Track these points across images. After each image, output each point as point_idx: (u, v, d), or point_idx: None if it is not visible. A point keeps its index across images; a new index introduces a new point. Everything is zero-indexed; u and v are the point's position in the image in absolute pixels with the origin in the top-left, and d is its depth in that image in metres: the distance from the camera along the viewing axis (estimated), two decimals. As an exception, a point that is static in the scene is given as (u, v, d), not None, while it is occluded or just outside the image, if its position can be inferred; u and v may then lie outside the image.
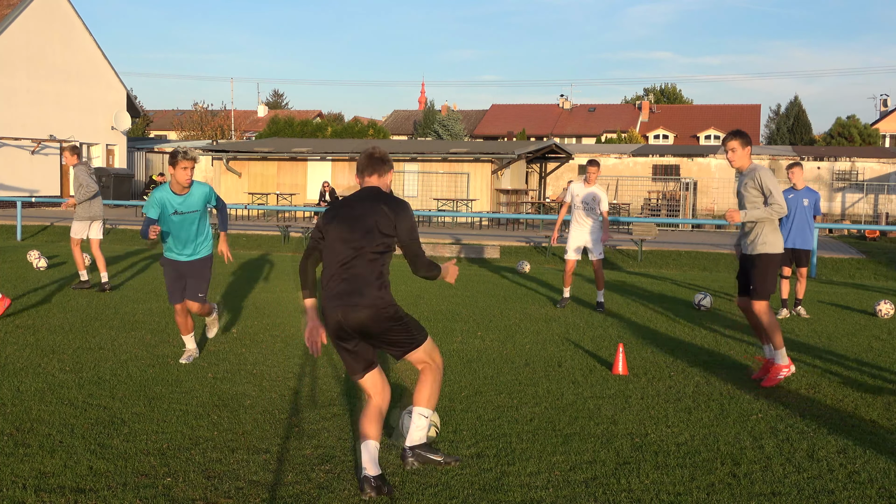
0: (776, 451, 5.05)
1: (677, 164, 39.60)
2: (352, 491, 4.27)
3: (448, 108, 69.84)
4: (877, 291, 13.23)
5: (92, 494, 4.14)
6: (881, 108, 65.41)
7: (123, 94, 35.86)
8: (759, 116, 64.76)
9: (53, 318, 8.88)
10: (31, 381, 6.22)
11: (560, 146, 33.97)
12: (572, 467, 4.69)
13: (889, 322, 10.12)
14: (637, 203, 36.16)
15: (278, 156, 30.53)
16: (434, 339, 8.24)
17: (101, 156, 34.82)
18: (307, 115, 68.42)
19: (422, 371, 4.63)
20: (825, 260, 17.01)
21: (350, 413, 5.62)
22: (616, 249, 18.46)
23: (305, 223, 23.28)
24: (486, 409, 5.82)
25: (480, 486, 4.37)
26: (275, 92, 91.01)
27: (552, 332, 8.89)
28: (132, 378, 6.43)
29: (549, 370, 7.05)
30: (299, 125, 50.60)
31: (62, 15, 32.32)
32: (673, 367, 7.29)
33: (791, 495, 4.35)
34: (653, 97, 73.44)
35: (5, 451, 4.70)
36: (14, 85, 30.32)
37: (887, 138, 58.63)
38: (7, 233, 21.26)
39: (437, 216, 25.80)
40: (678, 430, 5.41)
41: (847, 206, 37.67)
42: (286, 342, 7.96)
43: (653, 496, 4.30)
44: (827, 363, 7.56)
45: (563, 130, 64.62)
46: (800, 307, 10.60)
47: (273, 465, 4.60)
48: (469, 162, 28.65)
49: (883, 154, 39.15)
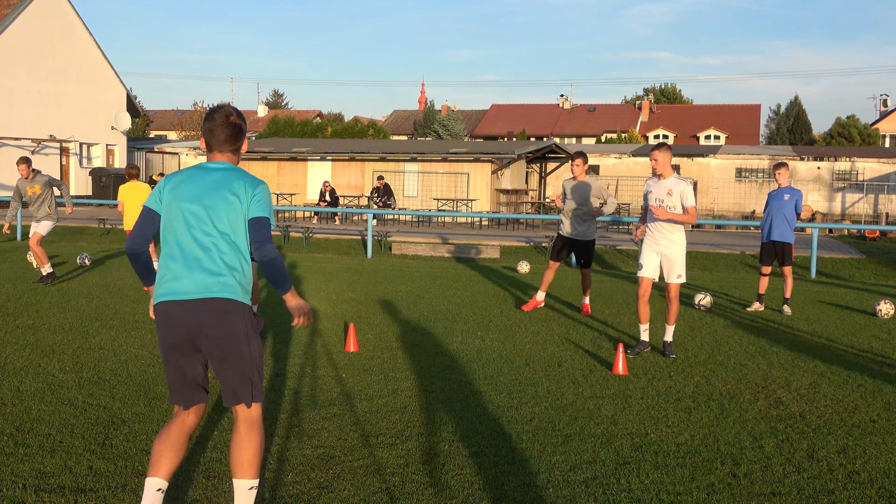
0: (776, 451, 5.04)
1: (677, 164, 39.59)
2: (352, 491, 4.27)
3: (448, 108, 69.84)
4: (877, 291, 13.23)
5: (92, 494, 4.14)
6: (881, 108, 65.41)
7: (123, 94, 35.86)
8: (759, 116, 64.77)
9: (53, 318, 8.88)
10: (31, 381, 6.22)
11: (560, 146, 33.96)
12: (572, 467, 4.69)
13: (889, 322, 10.12)
14: (637, 203, 36.15)
15: (278, 156, 30.53)
16: (435, 340, 8.26)
17: (101, 156, 34.81)
18: (307, 115, 68.42)
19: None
20: (825, 260, 17.00)
21: (350, 413, 5.62)
22: (616, 249, 18.47)
23: (305, 223, 23.27)
24: (486, 409, 5.82)
25: (480, 486, 4.37)
26: (275, 92, 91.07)
27: (552, 332, 8.89)
28: (132, 378, 6.43)
29: (549, 370, 7.05)
30: (299, 125, 50.61)
31: (62, 15, 32.32)
32: (673, 367, 7.29)
33: (791, 495, 4.35)
34: (653, 97, 73.43)
35: (5, 451, 4.70)
36: (14, 85, 30.31)
37: (887, 138, 58.62)
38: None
39: (437, 216, 25.80)
40: (678, 430, 5.41)
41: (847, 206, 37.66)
42: (286, 342, 7.96)
43: (653, 496, 4.30)
44: (827, 363, 7.56)
45: (563, 130, 64.60)
46: (785, 306, 10.68)
47: (273, 465, 4.60)
48: (469, 162, 28.64)
49: (883, 154, 39.14)
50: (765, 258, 11.01)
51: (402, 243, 18.67)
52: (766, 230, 10.98)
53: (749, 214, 37.90)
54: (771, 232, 10.89)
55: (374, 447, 4.93)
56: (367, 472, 4.53)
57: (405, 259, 17.46)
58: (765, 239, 11.02)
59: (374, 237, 18.97)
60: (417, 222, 26.97)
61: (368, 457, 4.77)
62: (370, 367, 7.00)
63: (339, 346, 7.80)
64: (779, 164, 10.81)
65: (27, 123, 30.68)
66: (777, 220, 10.83)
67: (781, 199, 10.77)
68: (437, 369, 6.97)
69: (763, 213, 11.12)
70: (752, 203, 38.92)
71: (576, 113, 68.59)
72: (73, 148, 33.06)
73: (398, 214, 26.69)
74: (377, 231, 19.52)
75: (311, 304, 10.45)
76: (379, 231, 19.58)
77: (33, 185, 11.79)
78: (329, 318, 9.38)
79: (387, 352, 7.64)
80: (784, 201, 10.75)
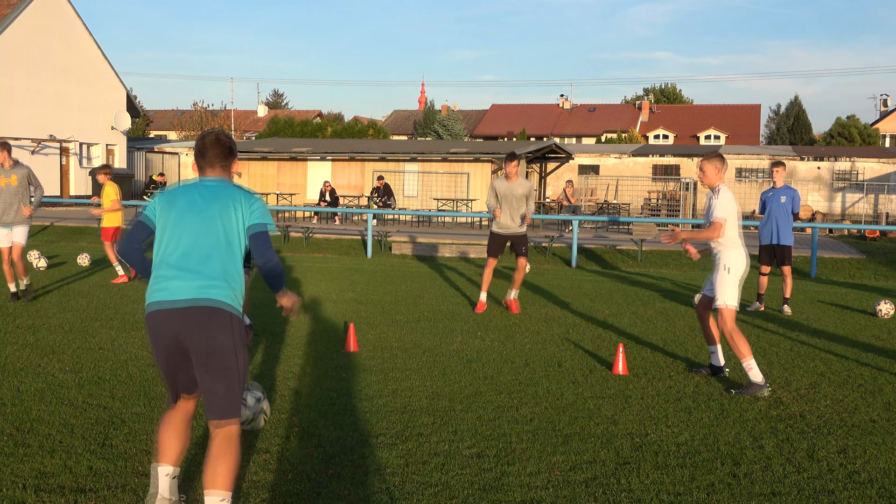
0: (776, 451, 5.05)
1: (677, 164, 39.60)
2: (352, 491, 4.27)
3: (448, 108, 69.82)
4: (877, 291, 13.22)
5: (92, 494, 4.14)
6: (881, 108, 65.41)
7: (123, 94, 35.85)
8: (759, 116, 64.76)
9: (53, 318, 8.88)
10: (31, 381, 6.22)
11: (560, 146, 33.97)
12: (572, 467, 4.69)
13: (889, 322, 10.12)
14: (637, 203, 36.16)
15: (278, 156, 30.53)
16: (435, 340, 8.26)
17: (101, 156, 34.81)
18: (307, 115, 68.42)
19: None
20: (825, 260, 17.00)
21: (350, 413, 5.62)
22: (616, 249, 18.47)
23: (305, 223, 23.27)
24: (486, 409, 5.82)
25: (480, 486, 4.37)
26: (275, 92, 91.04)
27: (552, 332, 8.89)
28: (132, 378, 6.43)
29: (549, 370, 7.05)
30: (299, 125, 50.59)
31: (62, 15, 32.31)
32: (673, 367, 7.29)
33: (791, 495, 4.35)
34: (653, 97, 73.42)
35: (5, 451, 4.70)
36: (14, 85, 30.32)
37: (887, 138, 58.62)
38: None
39: (437, 216, 25.80)
40: (678, 430, 5.41)
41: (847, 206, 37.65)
42: (286, 342, 7.96)
43: (653, 496, 4.30)
44: (827, 363, 7.56)
45: (563, 130, 64.60)
46: (785, 306, 10.69)
47: (273, 465, 4.60)
48: (469, 162, 28.65)
49: (883, 154, 39.13)
50: (764, 258, 11.01)
51: (403, 243, 18.68)
52: (767, 234, 10.90)
53: (749, 214, 37.88)
54: (772, 236, 10.86)
55: (374, 447, 4.93)
56: (367, 472, 4.53)
57: (405, 259, 17.46)
58: (765, 242, 10.97)
59: (374, 237, 18.97)
60: (417, 222, 26.98)
61: (368, 457, 4.77)
62: (370, 367, 7.00)
63: (339, 346, 7.80)
64: (776, 162, 10.75)
65: (27, 123, 30.68)
66: (777, 224, 10.79)
67: (778, 202, 10.72)
68: (437, 369, 6.97)
69: (761, 215, 11.08)
70: (752, 203, 38.92)
71: (576, 113, 68.59)
72: (73, 148, 33.06)
73: (398, 214, 26.69)
74: (377, 231, 19.52)
75: (311, 304, 10.45)
76: (379, 231, 19.58)
77: (9, 175, 9.92)
78: (329, 318, 9.38)
79: (387, 352, 7.64)
80: (781, 203, 10.71)
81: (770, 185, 10.91)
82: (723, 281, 6.63)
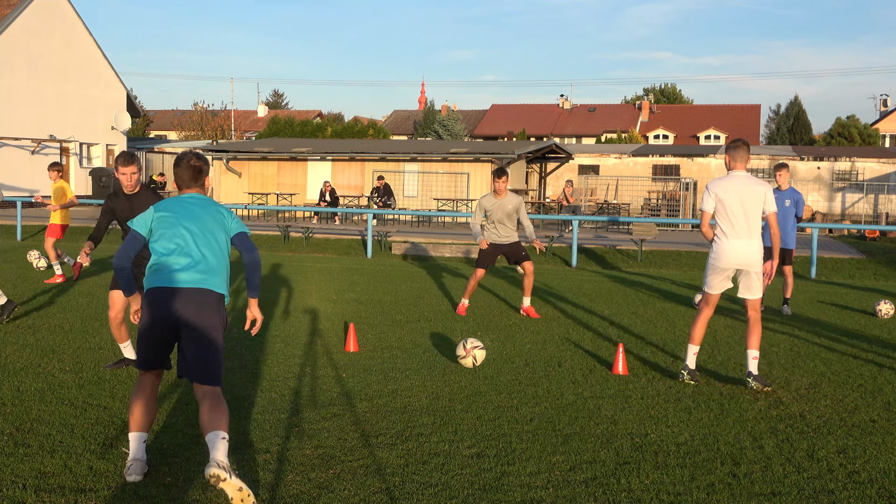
0: (776, 451, 5.05)
1: (677, 164, 39.61)
2: (352, 491, 4.27)
3: (448, 108, 69.84)
4: (877, 291, 13.23)
5: (92, 494, 4.14)
6: (881, 108, 65.40)
7: (123, 94, 35.86)
8: (759, 116, 64.78)
9: (53, 318, 8.89)
10: (31, 381, 6.22)
11: (560, 146, 33.98)
12: (572, 467, 4.69)
13: (889, 322, 10.12)
14: (637, 203, 36.16)
15: (278, 156, 30.53)
16: (435, 340, 8.26)
17: (101, 156, 34.81)
18: (307, 115, 68.42)
19: None
20: (825, 260, 17.00)
21: (350, 413, 5.62)
22: (616, 249, 18.47)
23: (305, 223, 23.27)
24: (486, 409, 5.82)
25: (480, 486, 4.37)
26: (275, 92, 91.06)
27: (552, 332, 8.89)
28: (132, 378, 6.42)
29: (549, 370, 7.05)
30: (299, 125, 50.59)
31: (62, 15, 32.32)
32: (673, 367, 7.29)
33: (791, 495, 4.35)
34: (653, 97, 73.43)
35: (5, 451, 4.70)
36: (14, 85, 30.31)
37: (887, 138, 58.62)
38: (7, 233, 21.26)
39: (437, 216, 25.80)
40: (678, 430, 5.41)
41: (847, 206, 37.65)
42: (286, 342, 7.96)
43: (653, 496, 4.30)
44: (827, 363, 7.56)
45: (563, 130, 64.61)
46: (785, 306, 10.69)
47: (273, 465, 4.60)
48: (469, 162, 28.65)
49: (883, 154, 39.14)
50: (764, 258, 10.97)
51: (403, 243, 18.67)
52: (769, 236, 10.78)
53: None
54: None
55: (374, 447, 4.94)
56: (367, 472, 4.54)
57: (405, 259, 17.47)
58: (767, 244, 10.87)
59: (374, 237, 18.97)
60: (417, 222, 26.98)
61: (368, 457, 4.77)
62: (370, 367, 7.01)
63: (339, 346, 7.80)
64: (779, 164, 10.67)
65: (27, 123, 30.68)
66: (780, 225, 10.60)
67: (783, 205, 10.63)
68: (437, 369, 6.97)
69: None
70: (752, 203, 38.82)
71: (576, 113, 68.59)
72: (74, 148, 33.07)
73: (398, 214, 26.69)
74: (377, 231, 19.51)
75: (311, 304, 10.45)
76: (379, 231, 19.58)
77: None
78: (329, 318, 9.38)
79: (387, 352, 7.64)
80: (786, 207, 10.63)
81: (775, 186, 10.81)
82: (706, 269, 7.02)
